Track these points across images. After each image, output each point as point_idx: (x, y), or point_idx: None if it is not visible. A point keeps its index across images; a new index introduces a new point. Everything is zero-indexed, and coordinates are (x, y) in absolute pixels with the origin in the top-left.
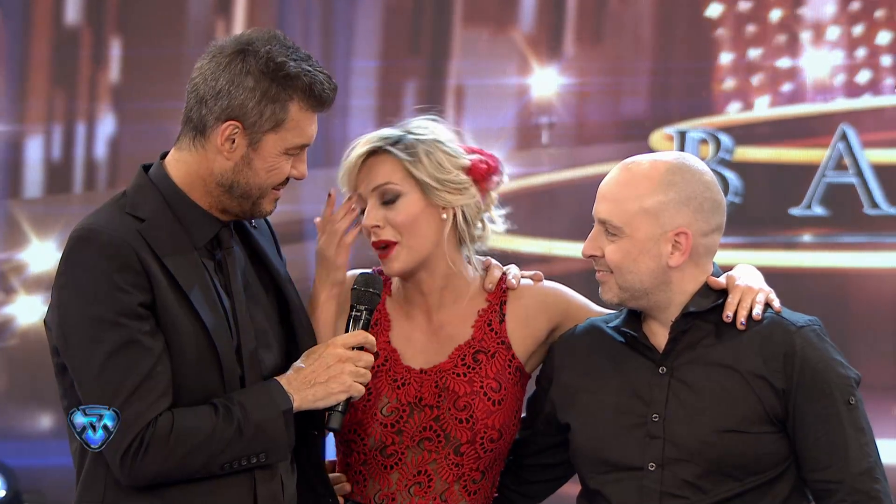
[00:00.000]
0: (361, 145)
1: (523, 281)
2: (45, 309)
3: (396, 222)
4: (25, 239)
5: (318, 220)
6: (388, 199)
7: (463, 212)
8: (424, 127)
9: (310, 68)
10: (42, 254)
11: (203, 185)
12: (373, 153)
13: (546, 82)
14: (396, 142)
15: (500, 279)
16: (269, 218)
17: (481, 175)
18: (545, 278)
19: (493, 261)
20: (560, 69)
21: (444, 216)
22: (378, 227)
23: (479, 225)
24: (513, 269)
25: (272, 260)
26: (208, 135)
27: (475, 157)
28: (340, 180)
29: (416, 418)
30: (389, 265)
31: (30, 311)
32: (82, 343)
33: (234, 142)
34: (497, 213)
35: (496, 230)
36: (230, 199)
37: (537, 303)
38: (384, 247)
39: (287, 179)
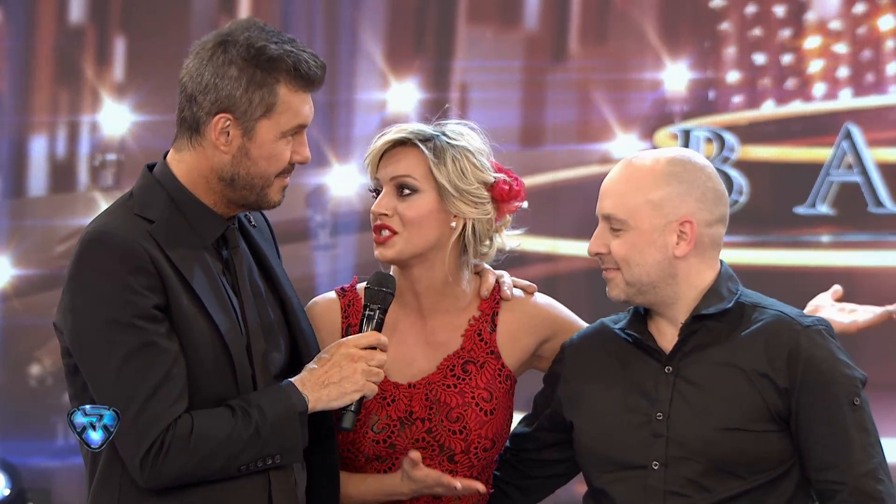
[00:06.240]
0: (392, 133)
1: (516, 292)
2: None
3: (405, 216)
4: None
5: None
6: (405, 192)
7: (473, 225)
8: (459, 133)
9: (292, 49)
10: None
11: (205, 182)
12: (401, 143)
13: (548, 81)
14: (427, 139)
15: (495, 287)
16: (270, 217)
17: (502, 196)
18: (549, 275)
19: (487, 265)
20: (563, 67)
21: (454, 224)
22: (386, 215)
23: (487, 242)
24: (506, 278)
25: (271, 260)
26: (203, 131)
27: (501, 176)
28: (365, 161)
29: (408, 431)
30: (383, 252)
31: None
32: (97, 346)
33: (228, 134)
34: (508, 237)
35: (502, 248)
36: (233, 191)
37: (528, 318)
38: (383, 232)
39: (292, 166)
